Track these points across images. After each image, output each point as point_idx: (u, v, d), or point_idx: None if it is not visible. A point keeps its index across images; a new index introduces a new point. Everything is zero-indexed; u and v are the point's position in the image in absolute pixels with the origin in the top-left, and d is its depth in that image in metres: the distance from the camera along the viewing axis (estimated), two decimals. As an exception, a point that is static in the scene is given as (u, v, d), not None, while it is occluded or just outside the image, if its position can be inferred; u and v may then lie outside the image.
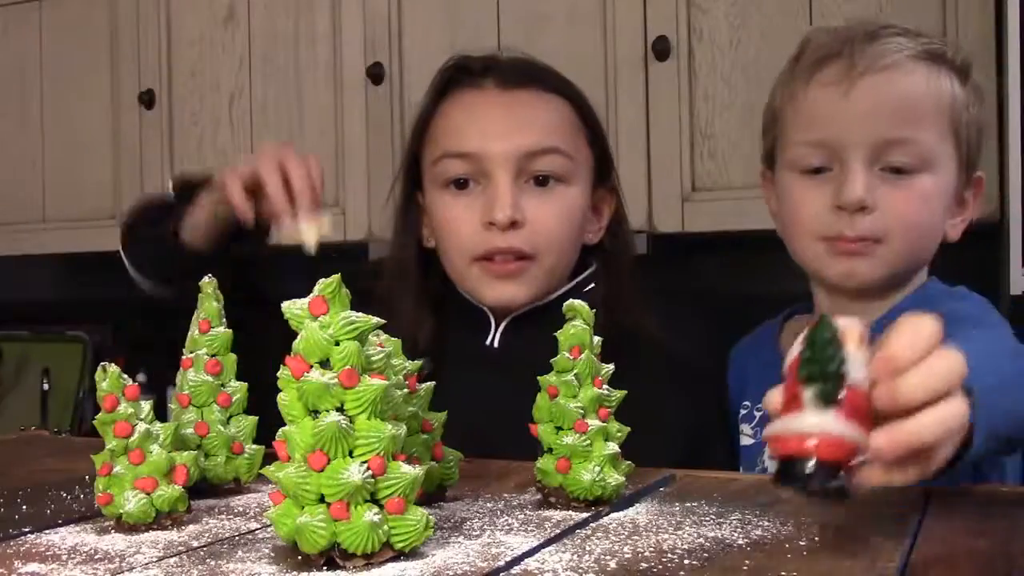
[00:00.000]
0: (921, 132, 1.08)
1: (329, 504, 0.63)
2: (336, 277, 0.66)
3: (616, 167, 1.34)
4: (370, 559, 0.64)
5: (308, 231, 1.07)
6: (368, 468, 0.63)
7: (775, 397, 0.65)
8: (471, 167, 1.23)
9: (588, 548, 0.67)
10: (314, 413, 0.65)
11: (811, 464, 0.62)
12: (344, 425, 0.64)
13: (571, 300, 0.84)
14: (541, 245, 1.22)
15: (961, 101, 1.11)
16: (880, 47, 1.09)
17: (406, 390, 0.80)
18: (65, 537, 0.72)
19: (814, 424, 0.62)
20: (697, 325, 1.33)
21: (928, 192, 1.09)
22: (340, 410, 0.65)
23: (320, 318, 0.66)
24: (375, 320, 0.67)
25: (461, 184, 1.24)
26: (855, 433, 0.62)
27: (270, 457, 0.70)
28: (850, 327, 0.64)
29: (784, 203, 1.15)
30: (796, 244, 1.14)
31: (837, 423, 0.61)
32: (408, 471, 0.65)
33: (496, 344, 1.25)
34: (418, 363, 0.83)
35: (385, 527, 0.64)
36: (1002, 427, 0.75)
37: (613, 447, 0.80)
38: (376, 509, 0.64)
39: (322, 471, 0.63)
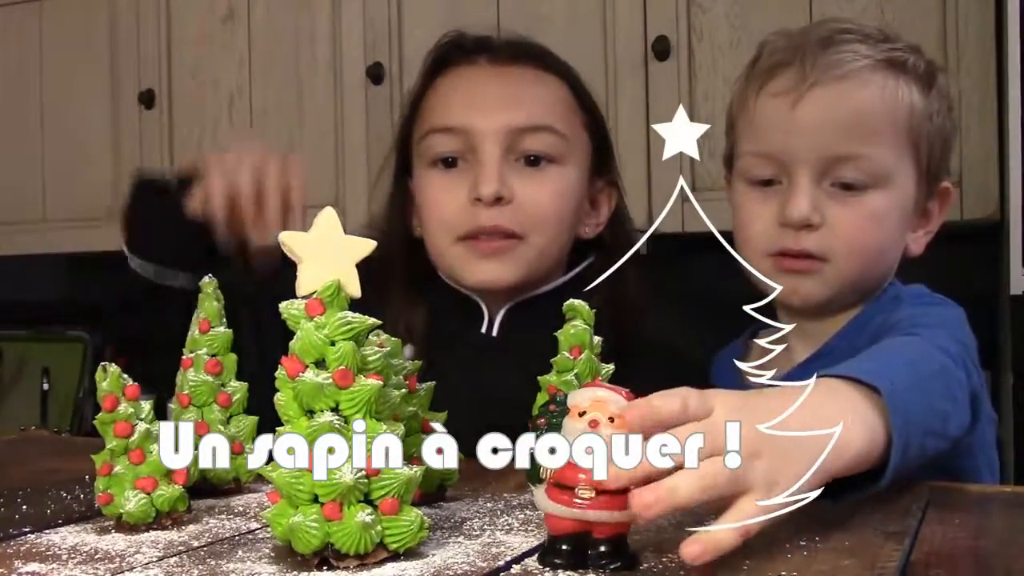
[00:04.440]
0: (873, 148, 1.03)
1: (322, 504, 0.63)
2: (335, 281, 0.66)
3: (617, 163, 1.31)
4: (364, 559, 0.63)
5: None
6: (361, 468, 0.63)
7: None
8: (459, 143, 1.17)
9: (588, 548, 0.67)
10: (310, 413, 0.65)
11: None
12: (338, 425, 0.64)
13: (571, 300, 0.83)
14: (529, 225, 1.16)
15: (921, 112, 1.05)
16: (834, 56, 1.04)
17: (405, 390, 0.80)
18: (65, 537, 0.72)
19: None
20: (695, 325, 1.32)
21: (879, 210, 1.04)
22: (335, 410, 0.65)
23: (316, 318, 0.66)
24: (371, 321, 0.67)
25: (449, 163, 1.18)
26: (555, 508, 0.62)
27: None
28: (575, 401, 0.63)
29: (736, 215, 1.11)
30: (745, 259, 1.07)
31: (543, 500, 0.63)
32: (402, 471, 0.65)
33: (495, 333, 1.19)
34: (418, 363, 0.83)
35: (378, 527, 0.64)
36: (920, 424, 0.75)
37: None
38: (369, 510, 0.64)
39: (315, 471, 0.63)
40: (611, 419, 0.62)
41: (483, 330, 1.20)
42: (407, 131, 1.25)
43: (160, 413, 0.79)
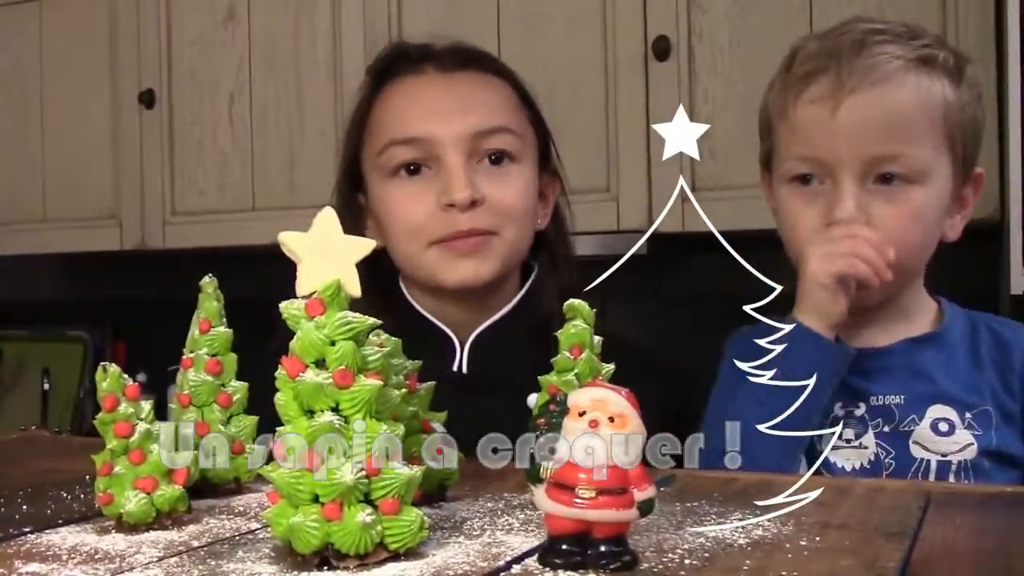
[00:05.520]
0: (913, 147, 1.07)
1: (322, 504, 0.63)
2: (336, 280, 0.66)
3: (616, 167, 1.33)
4: (364, 559, 0.63)
5: None
6: (362, 468, 0.63)
7: None
8: (420, 152, 1.20)
9: (588, 548, 0.67)
10: (310, 413, 0.65)
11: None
12: (338, 425, 0.64)
13: (571, 300, 0.83)
14: (501, 221, 1.19)
15: (955, 105, 1.09)
16: (869, 60, 1.07)
17: (405, 390, 0.80)
18: (65, 537, 0.72)
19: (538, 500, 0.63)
20: (694, 325, 1.32)
21: (921, 207, 1.08)
22: (335, 410, 0.65)
23: (316, 318, 0.66)
24: (371, 321, 0.67)
25: (412, 170, 1.20)
26: (556, 508, 0.62)
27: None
28: (575, 400, 0.62)
29: (782, 217, 1.15)
30: (796, 258, 1.12)
31: (543, 500, 0.62)
32: (402, 471, 0.65)
33: (465, 368, 1.21)
34: (417, 363, 0.83)
35: (378, 528, 0.64)
36: None
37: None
38: (370, 510, 0.64)
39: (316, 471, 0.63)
40: (611, 419, 0.61)
41: (454, 367, 1.20)
42: (356, 146, 1.27)
43: (161, 413, 0.79)
